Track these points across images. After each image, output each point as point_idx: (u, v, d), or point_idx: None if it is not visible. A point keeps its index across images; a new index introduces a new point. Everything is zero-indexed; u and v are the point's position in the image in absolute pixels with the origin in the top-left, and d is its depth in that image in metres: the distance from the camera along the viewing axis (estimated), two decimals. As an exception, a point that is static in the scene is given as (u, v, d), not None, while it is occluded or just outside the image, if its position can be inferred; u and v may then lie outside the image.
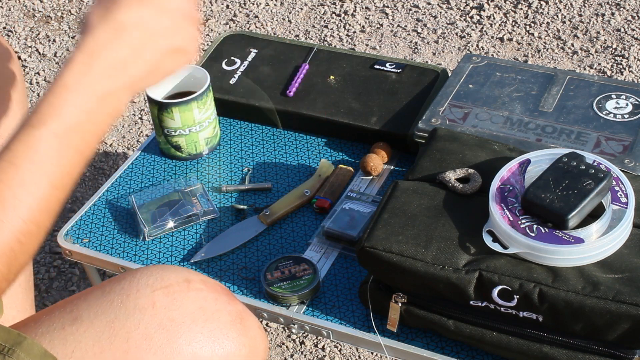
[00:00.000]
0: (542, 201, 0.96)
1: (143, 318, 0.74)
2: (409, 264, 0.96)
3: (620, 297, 0.88)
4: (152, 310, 0.74)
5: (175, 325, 0.74)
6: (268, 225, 1.21)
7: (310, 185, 1.25)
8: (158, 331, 0.74)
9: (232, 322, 0.77)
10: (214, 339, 0.76)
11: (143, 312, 0.74)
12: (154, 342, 0.74)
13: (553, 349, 0.95)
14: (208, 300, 0.77)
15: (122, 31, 0.74)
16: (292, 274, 1.10)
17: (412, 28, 2.26)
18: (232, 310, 0.78)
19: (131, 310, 0.74)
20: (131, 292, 0.75)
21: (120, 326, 0.73)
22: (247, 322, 0.79)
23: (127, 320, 0.74)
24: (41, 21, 2.42)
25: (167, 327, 0.74)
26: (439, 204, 1.03)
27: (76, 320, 0.74)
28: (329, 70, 1.44)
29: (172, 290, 0.76)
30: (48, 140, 0.70)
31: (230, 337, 0.77)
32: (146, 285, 0.76)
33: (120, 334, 0.73)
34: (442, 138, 1.14)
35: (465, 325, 0.98)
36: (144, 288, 0.75)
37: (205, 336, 0.75)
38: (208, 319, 0.76)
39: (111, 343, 0.73)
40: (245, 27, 2.34)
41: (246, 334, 0.78)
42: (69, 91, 0.71)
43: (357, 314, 1.08)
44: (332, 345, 1.46)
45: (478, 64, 1.34)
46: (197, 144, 1.33)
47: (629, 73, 2.03)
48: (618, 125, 1.18)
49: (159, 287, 0.76)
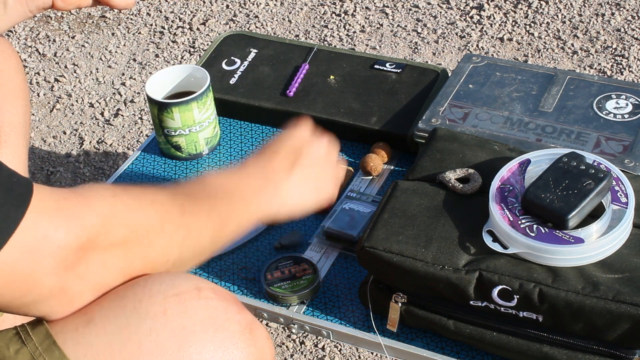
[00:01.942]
0: (542, 201, 0.96)
1: (155, 325, 0.74)
2: (409, 264, 0.96)
3: (620, 297, 0.88)
4: (164, 318, 0.74)
5: (186, 333, 0.75)
6: (268, 225, 1.21)
7: None
8: (170, 339, 0.74)
9: (241, 332, 0.77)
10: (223, 349, 0.76)
11: (155, 319, 0.74)
12: (166, 349, 0.74)
13: (553, 349, 0.95)
14: (218, 309, 0.77)
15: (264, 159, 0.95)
16: (292, 274, 1.10)
17: (412, 28, 2.26)
18: (242, 320, 0.78)
19: (143, 317, 0.74)
20: (144, 297, 0.75)
21: (132, 332, 0.74)
22: (256, 332, 0.79)
23: (140, 327, 0.74)
24: (41, 21, 2.42)
25: (178, 335, 0.74)
26: (439, 204, 1.03)
27: (89, 323, 0.74)
28: (329, 70, 1.44)
29: (183, 298, 0.76)
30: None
31: (239, 347, 0.77)
32: (158, 292, 0.76)
33: (133, 339, 0.73)
34: (442, 138, 1.14)
35: (465, 325, 0.98)
36: (156, 295, 0.75)
37: (215, 345, 0.75)
38: (218, 328, 0.76)
39: (123, 348, 0.73)
40: (245, 27, 2.34)
41: (255, 344, 0.78)
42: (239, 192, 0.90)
43: (357, 314, 1.08)
44: (332, 345, 1.46)
45: (478, 64, 1.34)
46: (197, 144, 1.33)
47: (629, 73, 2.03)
48: (618, 125, 1.18)
49: (171, 295, 0.76)
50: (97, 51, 2.28)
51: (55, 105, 2.10)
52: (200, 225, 0.82)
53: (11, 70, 1.15)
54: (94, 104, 2.09)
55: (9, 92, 1.14)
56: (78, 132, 2.01)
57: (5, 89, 1.13)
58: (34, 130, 2.02)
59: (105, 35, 2.34)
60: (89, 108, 2.08)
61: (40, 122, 2.05)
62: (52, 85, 2.16)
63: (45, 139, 2.00)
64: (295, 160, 0.96)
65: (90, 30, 2.37)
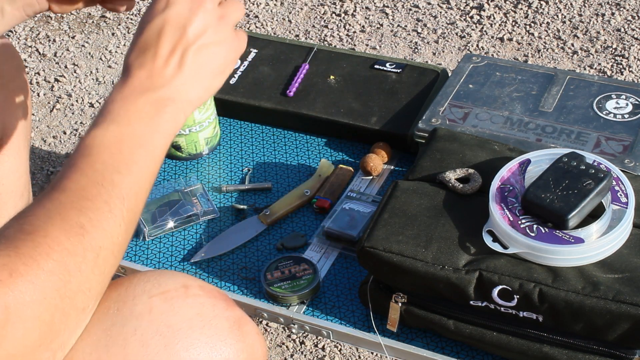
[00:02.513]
0: (542, 201, 0.96)
1: (140, 324, 0.73)
2: (409, 264, 0.96)
3: (620, 297, 0.88)
4: (149, 317, 0.74)
5: (172, 331, 0.74)
6: (268, 225, 1.21)
7: (310, 185, 1.25)
8: (155, 337, 0.73)
9: (229, 328, 0.77)
10: (211, 346, 0.75)
11: (140, 319, 0.74)
12: (151, 348, 0.73)
13: (553, 349, 0.95)
14: (206, 306, 0.77)
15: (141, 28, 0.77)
16: (292, 274, 1.10)
17: (412, 28, 2.26)
18: (230, 316, 0.78)
19: (128, 317, 0.74)
20: (128, 299, 0.75)
21: (117, 333, 0.73)
22: (245, 328, 0.78)
23: (124, 327, 0.73)
24: (41, 21, 2.42)
25: (164, 334, 0.74)
26: (439, 204, 1.03)
27: None
28: (329, 70, 1.44)
29: (169, 296, 0.75)
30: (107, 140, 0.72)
31: (228, 344, 0.76)
32: (143, 291, 0.75)
33: (118, 340, 0.73)
34: (442, 138, 1.14)
35: (465, 325, 0.98)
36: (141, 294, 0.75)
37: (203, 342, 0.75)
38: (206, 325, 0.76)
39: (108, 350, 0.72)
40: (245, 27, 2.34)
41: (244, 340, 0.78)
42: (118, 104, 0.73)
43: (357, 314, 1.08)
44: (332, 345, 1.46)
45: (478, 64, 1.34)
46: (197, 144, 1.33)
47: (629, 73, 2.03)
48: (618, 125, 1.18)
49: (156, 293, 0.75)
50: (97, 51, 2.28)
51: (55, 105, 2.10)
52: (107, 230, 0.70)
53: (12, 70, 1.15)
54: (94, 104, 2.09)
55: (11, 92, 1.14)
56: (78, 132, 2.01)
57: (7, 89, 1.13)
58: (34, 130, 2.02)
59: (105, 35, 2.34)
60: (89, 108, 2.08)
61: (40, 122, 2.05)
62: (52, 85, 2.16)
63: (45, 139, 2.00)
64: (180, 46, 0.77)
65: (90, 30, 2.37)
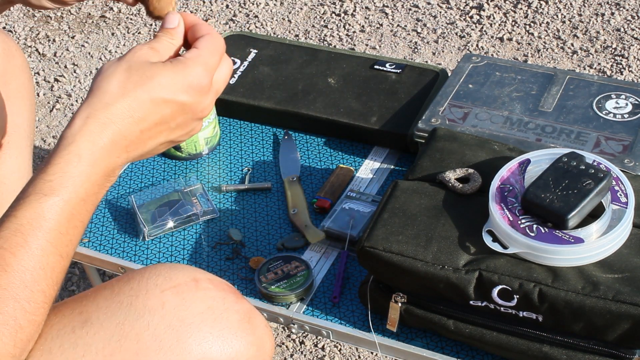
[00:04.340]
0: (542, 201, 0.95)
1: (153, 319, 0.74)
2: (409, 264, 0.96)
3: (620, 297, 0.88)
4: (162, 311, 0.75)
5: (184, 325, 0.75)
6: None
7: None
8: (168, 332, 0.74)
9: (240, 321, 0.78)
10: (223, 339, 0.76)
11: (152, 313, 0.74)
12: (164, 342, 0.74)
13: (553, 349, 0.95)
14: (216, 300, 0.77)
15: (139, 112, 0.72)
16: (285, 273, 1.10)
17: (412, 28, 2.26)
18: (240, 309, 0.79)
19: (140, 311, 0.74)
20: (140, 292, 0.75)
21: (130, 328, 0.74)
22: (254, 321, 0.79)
23: (137, 322, 0.74)
24: (41, 21, 2.42)
25: (176, 328, 0.74)
26: (438, 204, 1.03)
27: (86, 323, 0.74)
28: (329, 70, 1.44)
29: (180, 290, 0.76)
30: (59, 209, 0.69)
31: (238, 337, 0.77)
32: (155, 285, 0.76)
33: (130, 335, 0.73)
34: (442, 138, 1.14)
35: (465, 325, 0.98)
36: (153, 288, 0.76)
37: (214, 336, 0.76)
38: (217, 318, 0.76)
39: (121, 345, 0.73)
40: (245, 27, 2.34)
41: (254, 333, 0.78)
42: (84, 164, 0.70)
43: (357, 313, 1.08)
44: (332, 345, 1.46)
45: (478, 64, 1.34)
46: (197, 143, 1.33)
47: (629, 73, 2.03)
48: (618, 125, 1.18)
49: (168, 287, 0.76)
50: (97, 51, 2.28)
51: (55, 105, 2.10)
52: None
53: (15, 69, 1.14)
54: (93, 104, 2.09)
55: (13, 91, 1.14)
56: (78, 132, 2.01)
57: (10, 87, 1.13)
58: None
59: (105, 35, 2.34)
60: (89, 108, 2.08)
61: (40, 122, 2.05)
62: (52, 85, 2.16)
63: (45, 139, 2.00)
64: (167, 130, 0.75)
65: (90, 30, 2.37)
